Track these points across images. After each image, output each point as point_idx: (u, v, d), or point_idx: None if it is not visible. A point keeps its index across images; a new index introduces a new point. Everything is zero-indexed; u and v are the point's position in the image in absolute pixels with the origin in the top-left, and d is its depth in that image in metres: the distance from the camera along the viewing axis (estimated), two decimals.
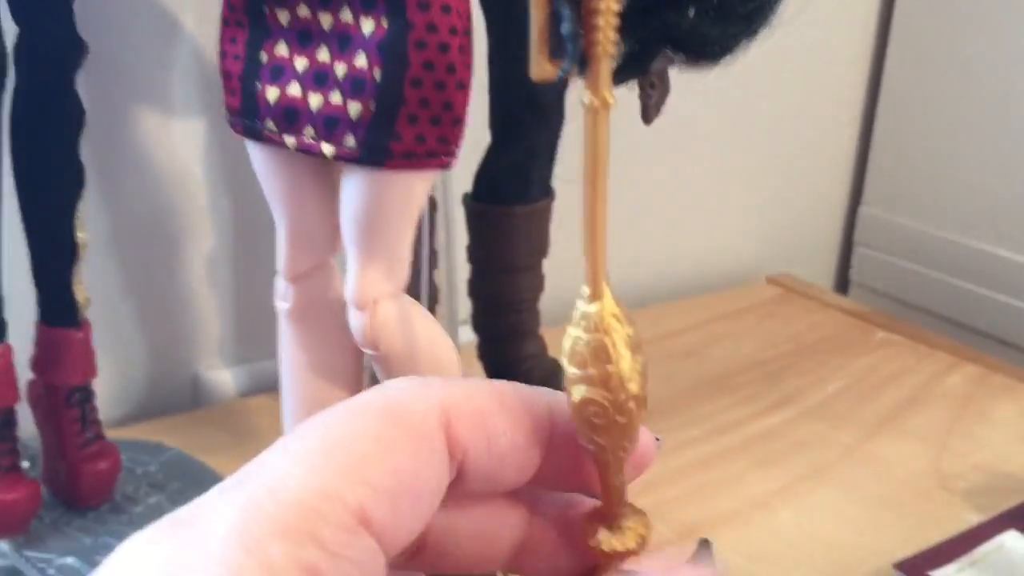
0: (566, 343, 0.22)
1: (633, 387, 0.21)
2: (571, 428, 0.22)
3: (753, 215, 0.92)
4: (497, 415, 0.22)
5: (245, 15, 0.32)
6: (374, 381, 0.41)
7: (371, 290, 0.32)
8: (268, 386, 0.61)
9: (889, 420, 0.65)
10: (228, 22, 0.33)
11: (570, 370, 0.21)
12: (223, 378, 0.65)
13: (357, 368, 0.34)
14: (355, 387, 0.35)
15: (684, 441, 0.62)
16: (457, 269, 0.62)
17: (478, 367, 0.61)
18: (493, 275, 0.57)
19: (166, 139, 0.60)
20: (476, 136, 0.56)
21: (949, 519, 0.55)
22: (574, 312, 0.22)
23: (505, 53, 0.52)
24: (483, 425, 0.22)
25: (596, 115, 0.21)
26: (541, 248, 0.57)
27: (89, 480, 0.49)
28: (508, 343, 0.58)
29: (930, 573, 0.49)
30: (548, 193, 0.57)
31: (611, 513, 0.24)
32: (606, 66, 0.21)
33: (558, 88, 0.53)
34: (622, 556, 0.24)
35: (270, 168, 0.33)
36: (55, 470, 0.49)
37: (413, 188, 0.31)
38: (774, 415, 0.65)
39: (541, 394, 0.23)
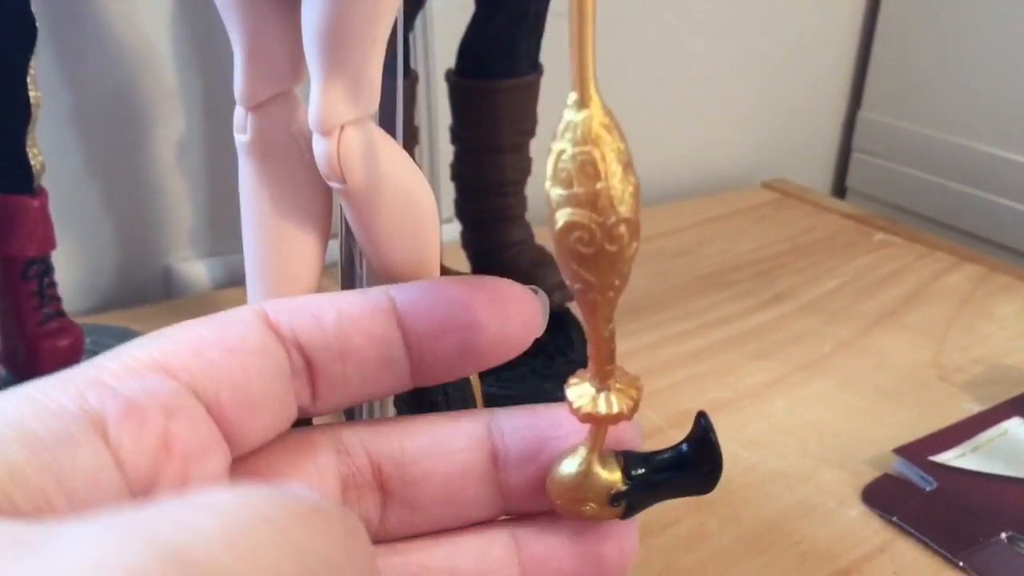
0: (549, 161, 0.19)
1: (624, 210, 0.19)
2: (431, 301, 0.23)
3: (748, 117, 0.89)
4: (317, 300, 0.23)
5: None
6: (348, 233, 0.38)
7: (335, 112, 0.29)
8: (244, 279, 0.58)
9: (887, 316, 0.63)
10: None
11: (553, 191, 0.19)
12: (196, 270, 0.63)
13: (325, 208, 0.31)
14: (323, 229, 0.32)
15: (675, 334, 0.59)
16: (440, 155, 0.60)
17: (462, 257, 0.58)
18: (477, 156, 0.54)
19: (130, 10, 0.56)
20: (461, 4, 0.53)
21: (949, 409, 0.53)
22: (559, 125, 0.19)
23: None
24: (305, 306, 0.23)
25: None
26: (528, 127, 0.55)
27: (49, 358, 0.46)
28: (492, 229, 0.56)
29: (932, 458, 0.47)
30: (536, 67, 0.53)
31: (599, 371, 0.22)
32: None
33: None
34: (610, 421, 0.22)
35: None
36: (13, 349, 0.47)
37: None
38: (768, 311, 0.63)
39: (375, 289, 0.24)
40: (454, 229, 0.59)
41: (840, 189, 0.96)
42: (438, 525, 0.25)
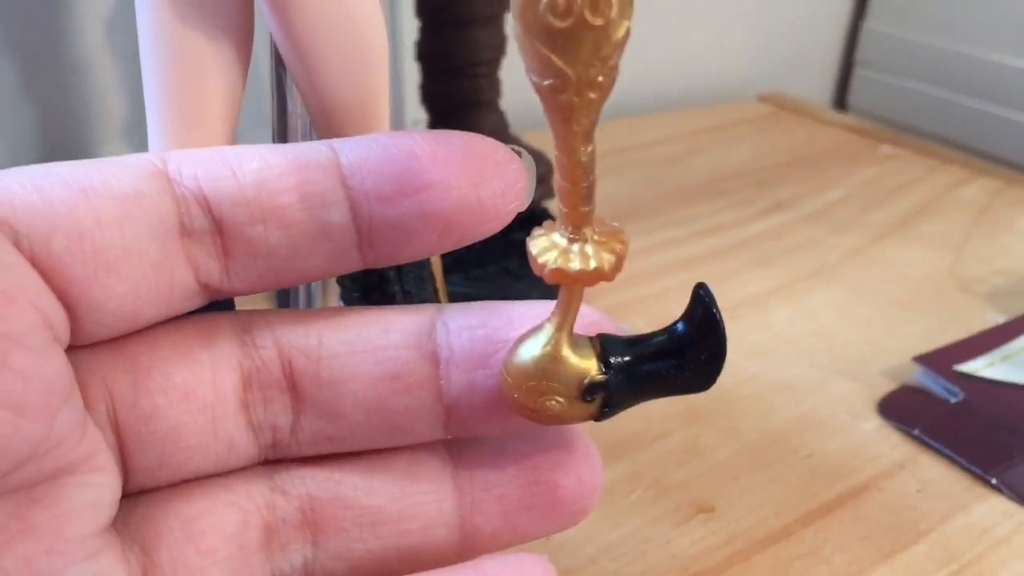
0: None
1: None
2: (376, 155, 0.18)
3: (743, 25, 0.83)
4: (238, 150, 0.19)
5: None
6: (278, 59, 0.32)
7: None
8: None
9: (898, 226, 0.57)
10: None
11: None
12: None
13: (242, 12, 0.25)
14: (241, 46, 0.25)
15: (664, 241, 0.53)
16: (403, 37, 0.53)
17: None
18: (445, 29, 0.48)
19: None
20: None
21: (971, 320, 0.47)
22: None
23: None
24: (218, 155, 0.18)
25: None
26: None
27: None
28: (463, 115, 0.49)
29: (957, 367, 0.41)
30: None
31: (573, 213, 0.17)
32: None
33: None
34: (586, 280, 0.17)
35: None
36: None
37: None
38: (767, 219, 0.57)
39: (315, 142, 0.19)
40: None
41: (841, 105, 0.90)
42: (362, 443, 0.20)
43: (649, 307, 0.46)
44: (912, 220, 0.58)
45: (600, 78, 0.15)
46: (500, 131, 0.50)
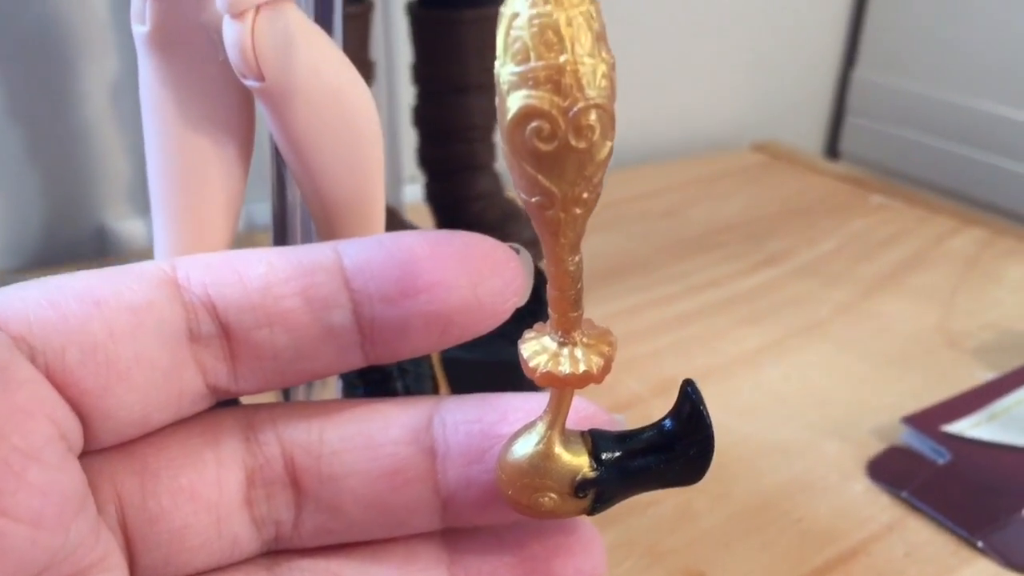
0: (499, 29, 0.15)
1: (595, 93, 0.15)
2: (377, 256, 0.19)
3: (737, 75, 0.84)
4: (245, 255, 0.19)
5: None
6: (277, 154, 0.33)
7: None
8: None
9: (888, 279, 0.58)
10: None
11: (504, 70, 0.15)
12: (133, 229, 0.57)
13: (243, 116, 0.26)
14: (242, 142, 0.26)
15: (660, 298, 0.54)
16: (400, 100, 0.54)
17: (424, 211, 0.53)
18: (440, 96, 0.49)
19: None
20: None
21: (960, 376, 0.48)
22: None
23: None
24: (225, 261, 0.19)
25: None
26: (495, 64, 0.49)
27: None
28: (458, 178, 0.51)
29: (944, 428, 0.42)
30: None
31: (562, 319, 0.17)
32: None
33: None
34: (575, 383, 0.18)
35: None
36: None
37: None
38: (759, 273, 0.58)
39: (319, 244, 0.20)
40: (417, 191, 0.54)
41: (833, 152, 0.92)
42: (361, 534, 0.21)
43: (644, 367, 0.47)
44: (902, 273, 0.59)
45: (585, 195, 0.16)
46: (495, 193, 0.51)
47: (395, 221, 0.50)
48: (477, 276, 0.19)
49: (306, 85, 0.25)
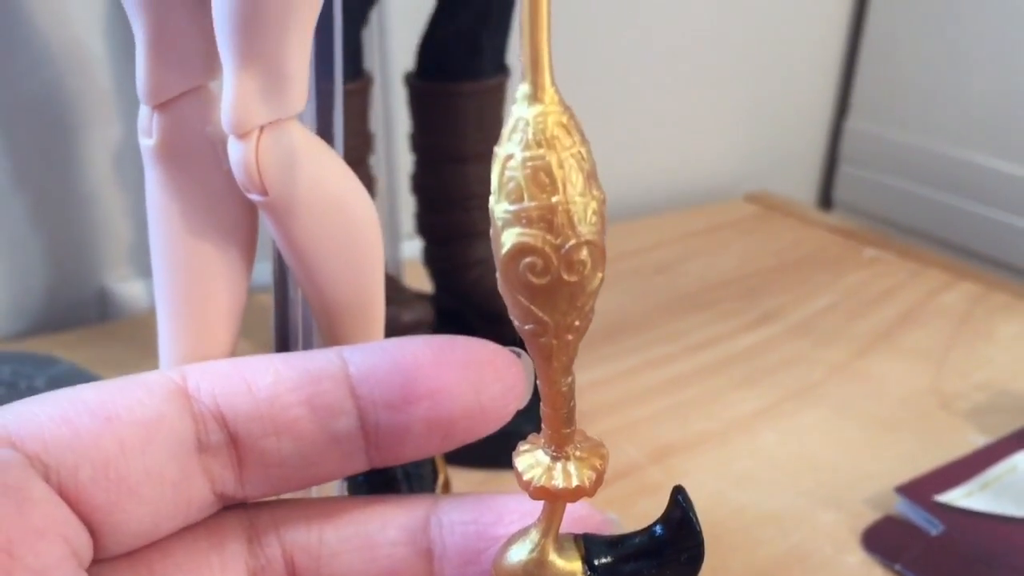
0: (494, 169, 0.16)
1: (586, 230, 0.15)
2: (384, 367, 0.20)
3: (730, 127, 0.85)
4: (252, 363, 0.20)
5: None
6: (279, 257, 0.33)
7: (251, 111, 0.24)
8: None
9: (882, 338, 0.59)
10: None
11: (499, 207, 0.15)
12: (134, 291, 0.58)
13: (247, 225, 0.27)
14: (246, 250, 0.27)
15: (656, 359, 0.55)
16: (399, 166, 0.55)
17: (423, 279, 0.54)
18: (439, 166, 0.50)
19: (60, 8, 0.52)
20: (419, 6, 0.48)
21: (953, 440, 0.48)
22: (506, 123, 0.16)
23: None
24: (234, 370, 0.19)
25: None
26: (494, 134, 0.50)
27: None
28: (455, 245, 0.51)
29: (937, 498, 0.43)
30: (502, 69, 0.49)
31: (556, 435, 0.18)
32: None
33: None
34: (568, 497, 0.18)
35: None
36: None
37: None
38: (754, 332, 0.59)
39: (325, 350, 0.21)
40: (416, 246, 0.55)
41: (826, 202, 0.93)
42: None
43: (641, 433, 0.48)
44: (895, 330, 0.60)
45: (577, 323, 0.17)
46: (491, 260, 0.52)
47: (394, 287, 0.51)
48: (479, 382, 0.20)
49: (309, 197, 0.26)
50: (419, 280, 0.55)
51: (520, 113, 0.16)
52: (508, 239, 0.15)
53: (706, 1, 0.78)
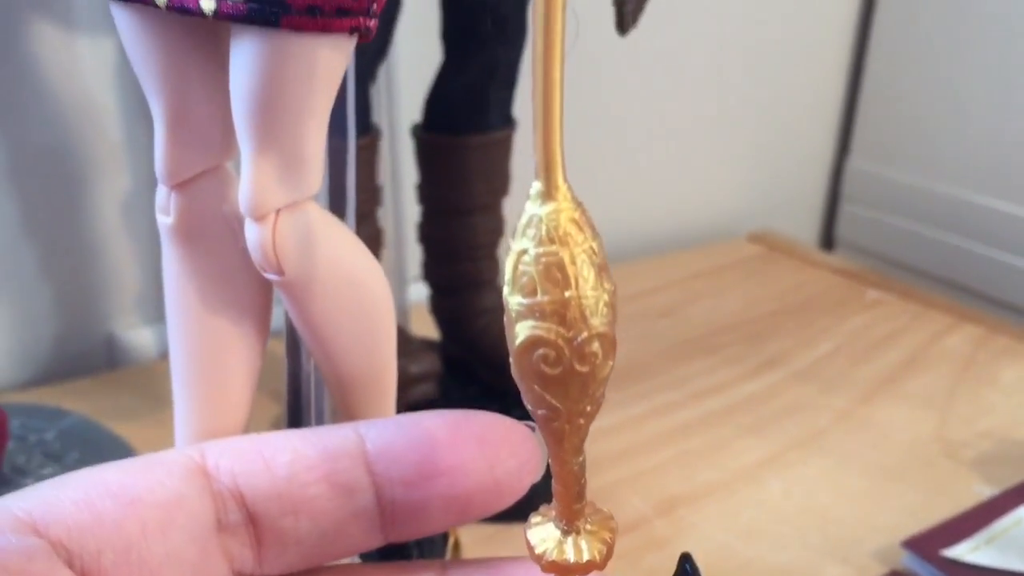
0: (508, 262, 0.16)
1: (598, 323, 0.16)
2: (402, 446, 0.20)
3: (733, 167, 0.86)
4: (271, 440, 0.20)
5: None
6: (292, 331, 0.34)
7: (269, 195, 0.25)
8: None
9: (886, 383, 0.59)
10: None
11: (513, 300, 0.16)
12: (142, 338, 0.58)
13: (263, 302, 0.27)
14: (261, 325, 0.27)
15: (661, 406, 0.55)
16: (405, 212, 0.55)
17: (429, 322, 0.54)
18: (446, 217, 0.50)
19: (69, 59, 0.52)
20: (427, 58, 0.49)
21: (958, 491, 0.49)
22: (520, 219, 0.16)
23: None
24: (254, 448, 0.20)
25: None
26: (500, 186, 0.51)
27: None
28: (462, 295, 0.52)
29: (944, 552, 0.43)
30: (508, 122, 0.50)
31: (566, 511, 0.18)
32: None
33: None
34: (579, 571, 0.19)
35: (139, 37, 0.25)
36: None
37: (319, 57, 0.24)
38: (759, 378, 0.59)
39: (342, 426, 0.21)
40: (421, 290, 0.55)
41: (829, 240, 0.93)
42: None
43: (648, 484, 0.48)
44: (899, 375, 0.60)
45: (588, 408, 0.17)
46: (499, 308, 0.52)
47: (402, 337, 0.51)
48: (495, 458, 0.20)
49: (324, 276, 0.26)
50: (425, 324, 0.55)
51: (533, 210, 0.17)
52: (522, 331, 0.16)
53: (707, 43, 0.79)
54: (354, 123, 0.32)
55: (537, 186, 0.17)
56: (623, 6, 0.42)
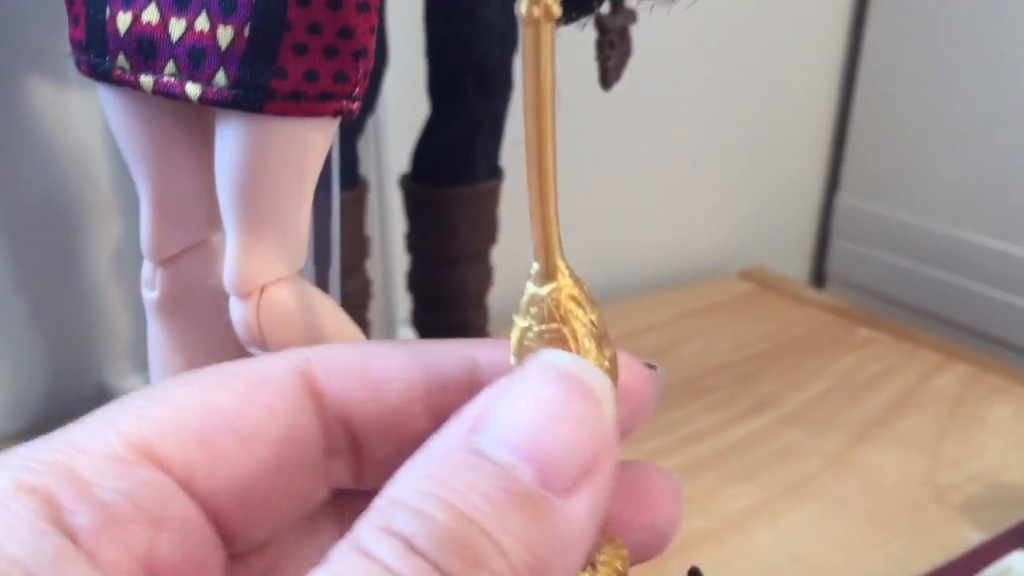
0: (514, 337, 0.17)
1: None
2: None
3: (723, 203, 0.86)
4: (385, 360, 0.19)
5: None
6: None
7: (255, 274, 0.25)
8: None
9: (875, 425, 0.59)
10: None
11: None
12: (132, 385, 0.58)
13: None
14: None
15: (652, 452, 0.55)
16: (394, 260, 0.56)
17: None
18: (434, 266, 0.51)
19: (62, 112, 0.53)
20: (414, 107, 0.49)
21: (947, 537, 0.49)
22: (523, 297, 0.17)
23: (444, 9, 0.46)
24: (364, 371, 0.19)
25: (539, 29, 0.15)
26: (488, 236, 0.51)
27: None
28: None
29: None
30: (495, 173, 0.50)
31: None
32: None
33: (505, 51, 0.46)
34: None
35: (126, 118, 0.26)
36: None
37: (304, 140, 0.24)
38: (750, 421, 0.59)
39: (457, 343, 0.20)
40: (409, 335, 0.56)
41: (819, 275, 0.93)
42: None
43: None
44: (889, 416, 0.60)
45: None
46: None
47: None
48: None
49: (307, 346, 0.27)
50: None
51: (533, 290, 0.17)
52: None
53: (695, 81, 0.79)
54: (339, 177, 0.32)
55: (536, 267, 0.17)
56: (606, 62, 0.43)
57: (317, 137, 0.25)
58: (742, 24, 0.79)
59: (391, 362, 0.19)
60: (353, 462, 0.19)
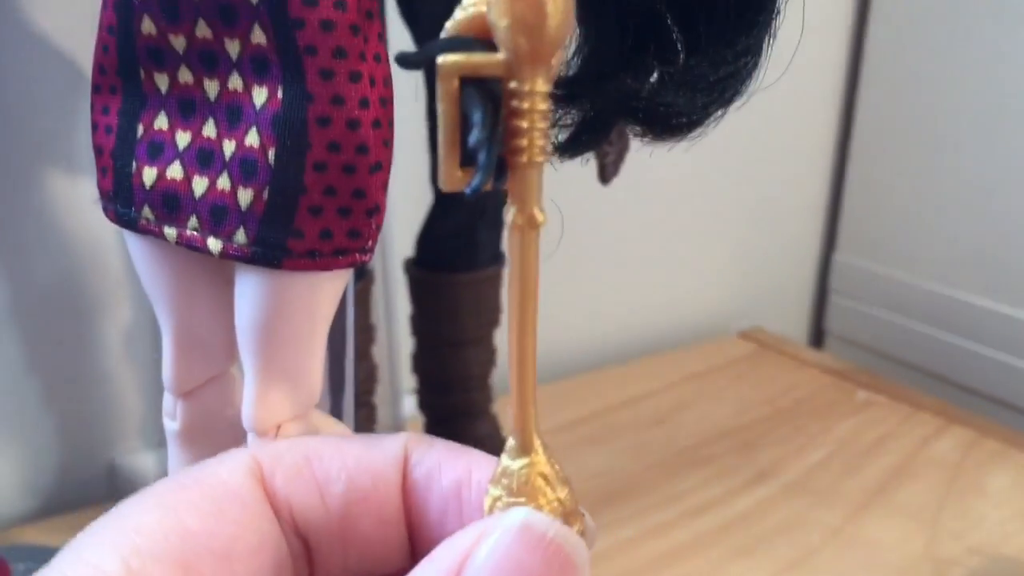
0: (486, 502, 0.18)
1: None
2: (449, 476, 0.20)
3: (723, 264, 0.88)
4: (324, 458, 0.20)
5: (118, 78, 0.26)
6: None
7: (273, 413, 0.26)
8: None
9: (876, 495, 0.60)
10: (99, 88, 0.27)
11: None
12: (144, 463, 0.59)
13: None
14: None
15: (655, 527, 0.56)
16: (400, 342, 0.57)
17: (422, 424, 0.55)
18: (439, 349, 0.52)
19: (73, 201, 0.54)
20: (418, 195, 0.51)
21: None
22: (496, 467, 0.18)
23: None
24: (308, 470, 0.20)
25: (523, 235, 0.16)
26: (491, 319, 0.52)
27: None
28: (457, 424, 0.53)
29: None
30: (498, 258, 0.51)
31: None
32: (535, 177, 0.16)
33: None
34: None
35: (151, 263, 0.27)
36: None
37: (319, 291, 0.25)
38: (752, 492, 0.60)
39: (396, 437, 0.21)
40: (412, 402, 0.56)
41: (818, 333, 0.94)
42: None
43: None
44: (889, 485, 0.61)
45: None
46: (493, 436, 0.53)
47: None
48: None
49: None
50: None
51: (507, 463, 0.18)
52: None
53: (695, 146, 0.81)
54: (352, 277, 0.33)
55: (511, 441, 0.18)
56: (604, 158, 0.44)
57: (331, 286, 0.26)
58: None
59: (331, 455, 0.20)
60: (309, 565, 0.20)
